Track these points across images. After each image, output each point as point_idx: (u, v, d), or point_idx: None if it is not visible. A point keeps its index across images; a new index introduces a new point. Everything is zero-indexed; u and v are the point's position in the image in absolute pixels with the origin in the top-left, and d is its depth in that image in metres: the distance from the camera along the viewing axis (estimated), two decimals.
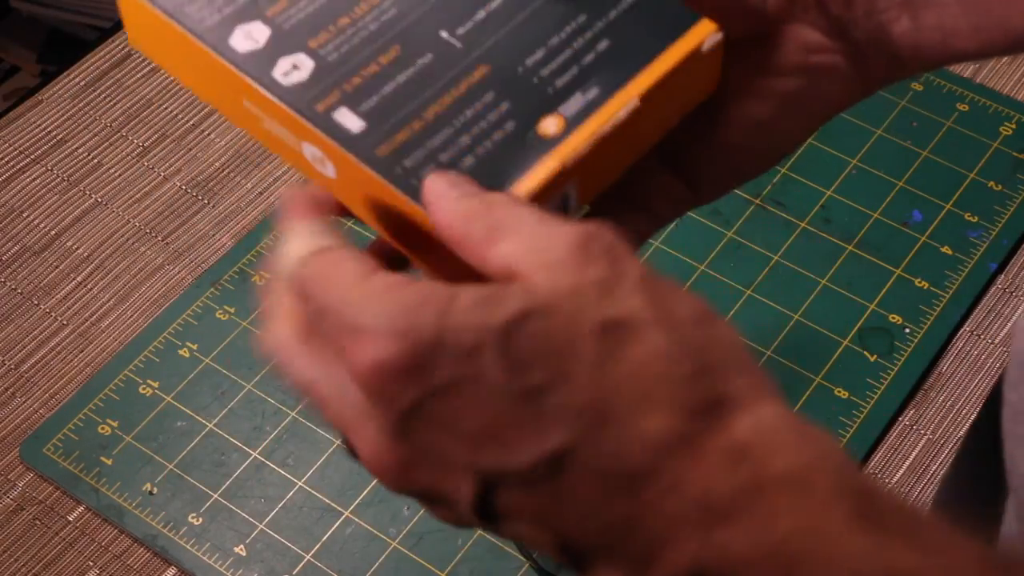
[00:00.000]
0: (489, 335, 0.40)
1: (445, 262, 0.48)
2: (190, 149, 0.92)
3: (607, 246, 0.42)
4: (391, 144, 0.49)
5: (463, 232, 0.43)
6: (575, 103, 0.51)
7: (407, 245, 0.50)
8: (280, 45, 0.51)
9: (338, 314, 0.42)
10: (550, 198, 0.49)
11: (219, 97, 0.53)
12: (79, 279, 0.86)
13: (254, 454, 0.78)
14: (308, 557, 0.74)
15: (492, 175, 0.49)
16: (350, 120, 0.50)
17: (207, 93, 0.54)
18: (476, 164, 0.49)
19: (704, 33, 0.53)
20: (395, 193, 0.48)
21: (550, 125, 0.50)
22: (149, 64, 0.96)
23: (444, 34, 0.52)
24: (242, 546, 0.75)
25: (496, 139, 0.50)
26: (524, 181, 0.49)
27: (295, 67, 0.51)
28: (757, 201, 0.88)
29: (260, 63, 0.51)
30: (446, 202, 0.44)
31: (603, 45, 0.52)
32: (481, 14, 0.53)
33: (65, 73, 0.96)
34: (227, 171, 0.91)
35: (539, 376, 0.40)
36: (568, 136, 0.50)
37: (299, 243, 0.45)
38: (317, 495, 0.76)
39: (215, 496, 0.76)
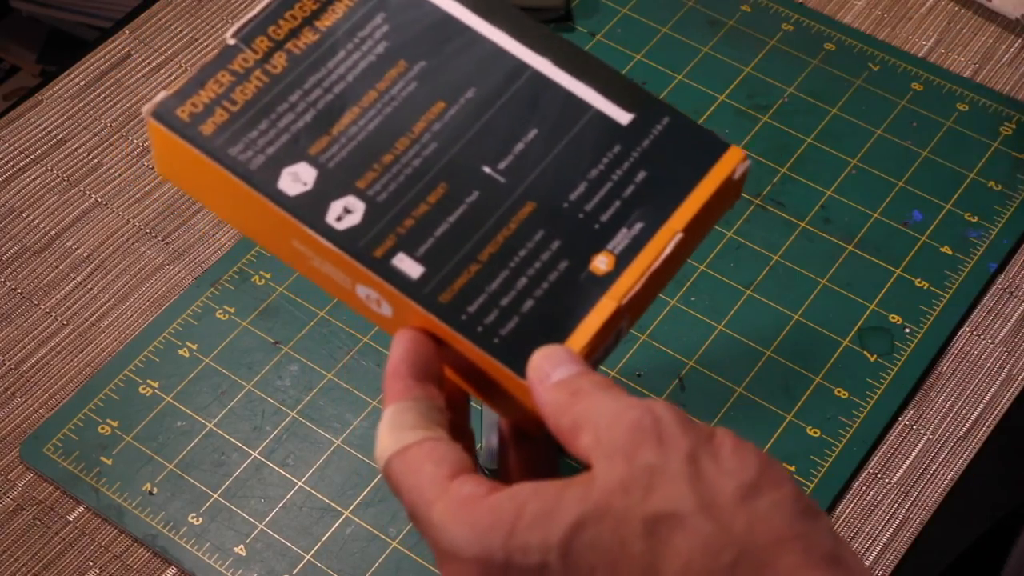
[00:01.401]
0: (551, 552, 0.43)
1: (504, 400, 0.50)
2: None
3: (657, 425, 0.45)
4: (452, 290, 0.50)
5: (555, 425, 0.47)
6: (622, 239, 0.52)
7: (468, 382, 0.51)
8: (329, 187, 0.51)
9: (423, 526, 0.46)
10: (608, 336, 0.51)
11: (264, 234, 0.53)
12: (79, 279, 0.86)
13: (254, 454, 0.78)
14: (308, 557, 0.74)
15: (553, 318, 0.50)
16: (409, 266, 0.50)
17: (251, 229, 0.53)
18: (535, 307, 0.50)
19: (735, 160, 0.54)
20: (462, 340, 0.49)
21: (601, 263, 0.51)
22: (149, 64, 0.96)
23: (487, 169, 0.52)
24: (242, 546, 0.75)
25: (552, 279, 0.51)
26: (585, 324, 0.50)
27: (347, 210, 0.51)
28: (757, 201, 0.88)
29: (312, 208, 0.51)
30: (543, 391, 0.47)
31: (640, 176, 0.53)
32: (520, 146, 0.53)
33: (65, 73, 0.96)
34: None
35: None
36: (621, 274, 0.51)
37: (386, 436, 0.48)
38: (317, 495, 0.76)
39: (215, 496, 0.76)
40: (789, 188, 0.89)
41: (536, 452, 0.52)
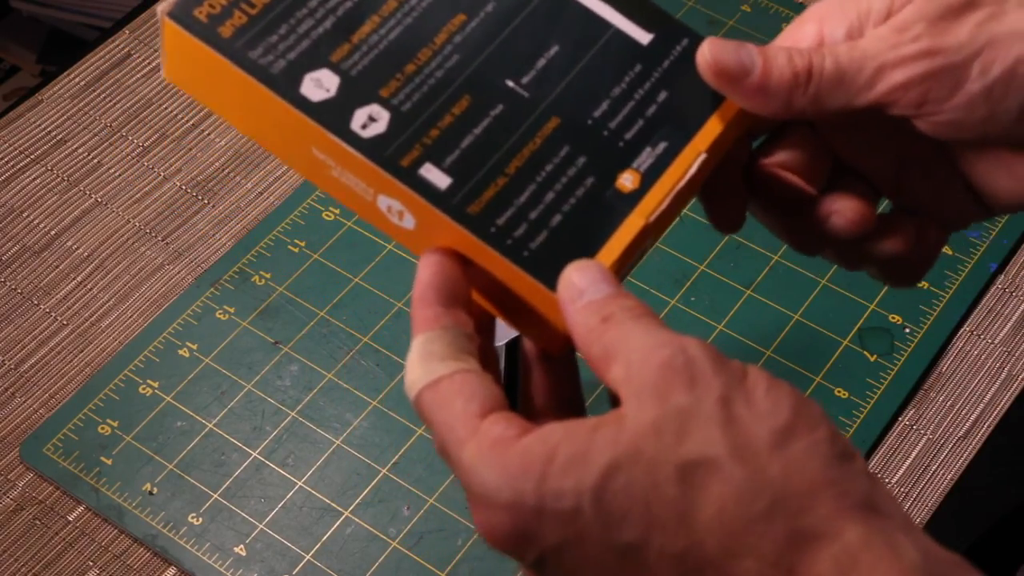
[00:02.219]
0: (584, 497, 0.43)
1: (531, 321, 0.49)
2: (190, 149, 0.92)
3: (689, 366, 0.44)
4: (481, 202, 0.49)
5: (586, 352, 0.46)
6: (647, 157, 0.52)
7: (495, 303, 0.51)
8: (353, 95, 0.50)
9: (454, 465, 0.46)
10: (634, 253, 0.51)
11: (281, 143, 0.52)
12: (79, 279, 0.86)
13: (254, 454, 0.78)
14: (308, 557, 0.74)
15: (581, 234, 0.50)
16: (436, 176, 0.49)
17: (266, 137, 0.52)
18: (564, 222, 0.50)
19: None
20: (492, 254, 0.49)
21: (627, 180, 0.51)
22: (149, 64, 0.96)
23: (510, 83, 0.52)
24: (242, 546, 0.75)
25: (579, 195, 0.51)
26: (614, 240, 0.50)
27: (371, 119, 0.50)
28: None
29: (337, 115, 0.50)
30: (574, 311, 0.47)
31: (662, 96, 0.53)
32: (542, 62, 0.53)
33: (65, 73, 0.96)
34: (227, 171, 0.91)
35: (633, 531, 0.43)
36: (647, 193, 0.51)
37: (414, 368, 0.47)
38: (317, 495, 0.76)
39: (215, 496, 0.76)
40: None
41: (560, 377, 0.51)
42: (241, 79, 0.50)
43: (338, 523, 0.76)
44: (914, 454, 0.78)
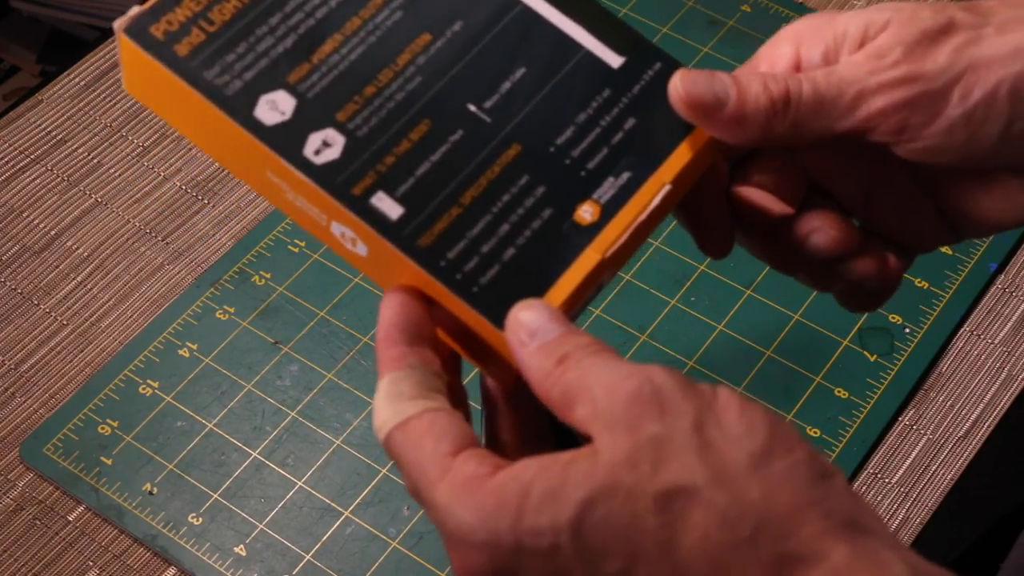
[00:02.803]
0: (562, 534, 0.42)
1: (492, 359, 0.48)
2: (190, 149, 0.92)
3: (657, 394, 0.43)
4: (431, 233, 0.48)
5: (545, 397, 0.45)
6: (608, 188, 0.50)
7: (456, 340, 0.49)
8: (308, 118, 0.49)
9: (427, 506, 0.45)
10: (589, 288, 0.49)
11: (237, 163, 0.51)
12: (79, 279, 0.86)
13: (254, 454, 0.78)
14: (308, 557, 0.74)
15: (534, 268, 0.48)
16: (388, 206, 0.48)
17: (222, 156, 0.51)
18: (517, 255, 0.48)
19: None
20: (441, 289, 0.47)
21: (586, 213, 0.50)
22: None
23: (472, 107, 0.50)
24: (242, 546, 0.75)
25: (535, 227, 0.49)
26: (567, 276, 0.48)
27: (326, 144, 0.49)
28: None
29: (290, 139, 0.48)
30: (526, 355, 0.46)
31: (629, 123, 0.52)
32: (506, 85, 0.51)
33: (65, 73, 0.96)
34: (227, 171, 0.91)
35: (615, 564, 0.42)
36: (606, 226, 0.50)
37: (382, 409, 0.46)
38: (317, 495, 0.76)
39: (215, 496, 0.76)
40: None
41: (526, 412, 0.50)
42: (195, 99, 0.49)
43: (338, 523, 0.76)
44: (914, 454, 0.78)
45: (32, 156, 0.91)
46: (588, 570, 0.42)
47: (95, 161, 0.91)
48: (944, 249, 0.86)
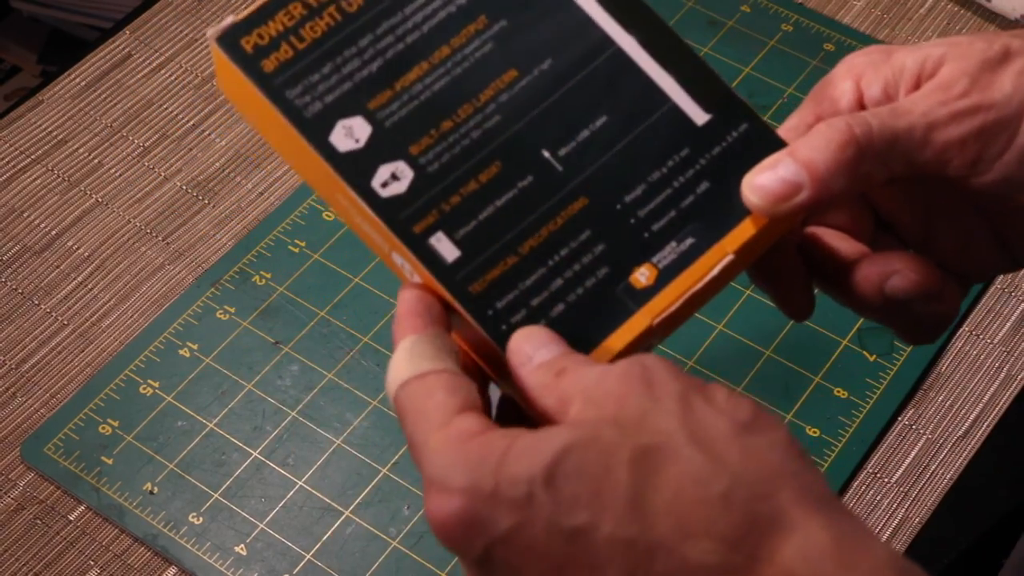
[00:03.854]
0: (536, 482, 0.42)
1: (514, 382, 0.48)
2: (190, 149, 0.92)
3: (647, 373, 0.44)
4: (484, 280, 0.48)
5: (540, 405, 0.45)
6: (669, 253, 0.49)
7: (485, 361, 0.49)
8: (381, 149, 0.49)
9: (418, 451, 0.46)
10: (635, 351, 0.48)
11: (312, 178, 0.51)
12: (79, 279, 0.86)
13: (254, 454, 0.78)
14: (308, 557, 0.74)
15: (580, 327, 0.47)
16: (446, 248, 0.48)
17: (299, 169, 0.52)
18: (565, 312, 0.48)
19: None
20: (483, 336, 0.47)
21: (642, 276, 0.49)
22: (150, 64, 0.96)
23: (546, 154, 0.49)
24: (242, 545, 0.75)
25: (588, 286, 0.48)
26: (613, 339, 0.48)
27: (394, 177, 0.48)
28: None
29: (359, 169, 0.48)
30: (526, 374, 0.46)
31: (703, 187, 0.50)
32: (585, 134, 0.50)
33: (65, 73, 0.96)
34: (227, 171, 0.91)
35: (582, 514, 0.42)
36: (660, 291, 0.48)
37: (400, 363, 0.47)
38: (317, 495, 0.77)
39: (215, 496, 0.77)
40: None
41: None
42: (275, 116, 0.49)
43: (338, 523, 0.76)
44: (913, 454, 0.78)
45: (33, 156, 0.92)
46: (554, 519, 0.42)
47: (96, 161, 0.91)
48: None
